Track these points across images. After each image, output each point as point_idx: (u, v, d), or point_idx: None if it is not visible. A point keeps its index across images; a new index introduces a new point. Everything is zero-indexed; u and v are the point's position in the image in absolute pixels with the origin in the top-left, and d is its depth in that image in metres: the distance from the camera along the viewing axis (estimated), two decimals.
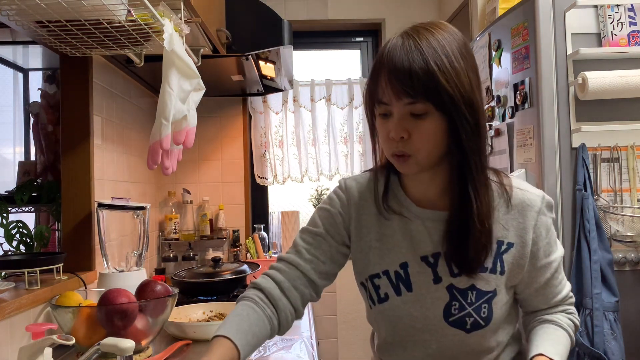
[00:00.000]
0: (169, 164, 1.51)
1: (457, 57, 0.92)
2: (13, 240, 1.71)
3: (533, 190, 1.04)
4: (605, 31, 1.82)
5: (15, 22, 1.31)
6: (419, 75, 0.89)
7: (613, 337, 1.63)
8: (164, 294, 1.43)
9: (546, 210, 1.03)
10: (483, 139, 0.96)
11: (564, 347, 1.02)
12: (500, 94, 2.04)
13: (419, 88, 0.89)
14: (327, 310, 3.05)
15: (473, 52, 0.98)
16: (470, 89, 0.93)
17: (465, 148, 0.93)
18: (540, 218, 1.02)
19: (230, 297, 2.10)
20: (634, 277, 1.76)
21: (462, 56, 0.93)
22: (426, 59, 0.90)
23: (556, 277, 1.06)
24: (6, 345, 1.31)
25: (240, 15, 2.02)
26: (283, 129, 3.10)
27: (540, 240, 1.02)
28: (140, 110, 2.47)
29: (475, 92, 0.94)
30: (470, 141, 0.93)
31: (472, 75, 0.94)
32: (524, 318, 1.15)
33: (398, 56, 0.91)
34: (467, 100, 0.92)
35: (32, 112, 1.94)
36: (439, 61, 0.90)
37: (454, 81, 0.90)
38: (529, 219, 1.01)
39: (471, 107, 0.92)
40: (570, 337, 1.06)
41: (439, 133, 0.93)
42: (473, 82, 0.94)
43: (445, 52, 0.91)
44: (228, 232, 2.91)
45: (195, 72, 1.47)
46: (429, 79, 0.89)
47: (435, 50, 0.91)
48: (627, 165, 1.79)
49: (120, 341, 0.97)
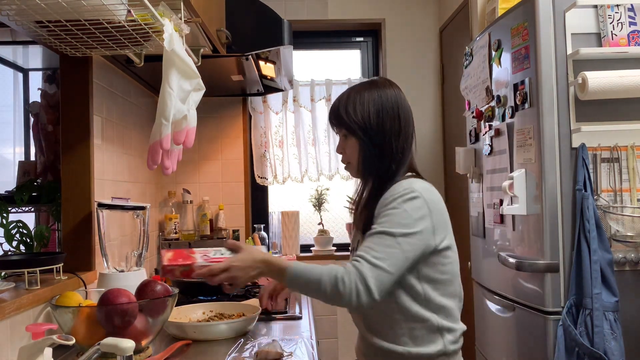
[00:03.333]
0: (169, 164, 1.51)
1: (361, 100, 1.34)
2: (13, 240, 1.71)
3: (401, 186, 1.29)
4: (605, 31, 1.82)
5: (15, 22, 1.31)
6: (333, 111, 1.39)
7: (613, 337, 1.63)
8: (164, 294, 1.43)
9: (397, 197, 1.25)
10: (388, 156, 1.32)
11: (308, 270, 1.22)
12: (500, 94, 2.04)
13: (334, 120, 1.39)
14: (327, 310, 3.05)
15: (390, 97, 1.36)
16: (369, 121, 1.32)
17: (371, 161, 1.34)
18: (387, 199, 1.27)
19: (230, 297, 2.10)
20: (634, 277, 1.76)
21: (368, 100, 1.33)
22: (337, 101, 1.38)
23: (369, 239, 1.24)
24: (6, 345, 1.31)
25: (240, 15, 2.02)
26: (283, 129, 3.10)
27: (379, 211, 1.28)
28: (140, 110, 2.47)
29: (373, 124, 1.32)
30: (373, 157, 1.33)
31: (372, 110, 1.32)
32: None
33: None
34: (364, 129, 1.32)
35: (32, 112, 1.94)
36: (343, 102, 1.36)
37: (352, 117, 1.33)
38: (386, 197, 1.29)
39: (368, 133, 1.32)
40: (321, 272, 1.21)
41: (356, 150, 1.35)
42: (372, 116, 1.32)
43: (351, 96, 1.35)
44: (228, 232, 2.91)
45: (195, 72, 1.47)
46: (337, 114, 1.37)
47: (347, 97, 1.36)
48: (627, 165, 1.79)
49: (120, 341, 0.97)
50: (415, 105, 3.17)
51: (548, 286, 1.75)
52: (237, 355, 1.41)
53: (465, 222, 2.58)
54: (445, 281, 1.28)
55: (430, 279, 1.27)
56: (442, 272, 1.28)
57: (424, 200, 1.25)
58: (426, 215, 1.24)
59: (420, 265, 1.25)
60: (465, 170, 2.38)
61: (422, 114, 3.19)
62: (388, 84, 1.39)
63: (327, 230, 3.10)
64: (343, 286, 1.17)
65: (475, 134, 2.33)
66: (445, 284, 1.28)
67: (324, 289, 1.19)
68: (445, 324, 1.27)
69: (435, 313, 1.27)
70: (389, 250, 1.20)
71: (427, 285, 1.27)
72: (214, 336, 1.57)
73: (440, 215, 1.29)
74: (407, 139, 1.36)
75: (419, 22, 3.20)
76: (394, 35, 3.18)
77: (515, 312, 1.95)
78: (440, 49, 3.19)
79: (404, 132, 1.34)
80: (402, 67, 3.18)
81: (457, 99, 2.75)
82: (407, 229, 1.21)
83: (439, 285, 1.28)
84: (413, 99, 3.18)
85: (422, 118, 3.18)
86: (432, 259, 1.26)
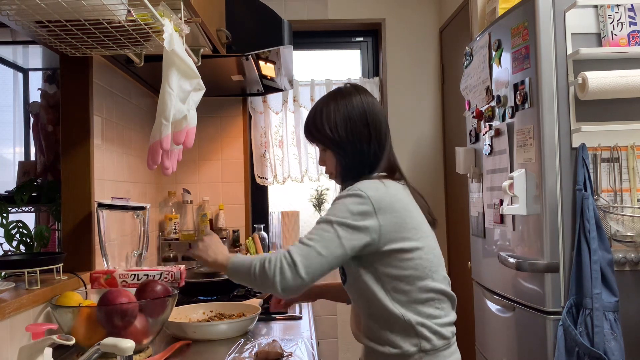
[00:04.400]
0: (169, 164, 1.51)
1: (328, 114, 1.36)
2: (13, 240, 1.71)
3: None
4: (605, 31, 1.82)
5: (15, 22, 1.31)
6: (306, 128, 1.42)
7: (613, 337, 1.63)
8: (164, 294, 1.43)
9: (342, 194, 1.29)
10: (362, 162, 1.36)
11: (245, 258, 1.29)
12: (500, 94, 2.04)
13: (308, 136, 1.42)
14: (327, 310, 3.05)
15: (356, 104, 1.37)
16: (337, 133, 1.34)
17: (349, 169, 1.37)
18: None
19: (230, 297, 2.10)
20: (634, 277, 1.76)
21: (334, 112, 1.36)
22: (308, 117, 1.41)
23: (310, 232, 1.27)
24: (6, 345, 1.31)
25: (240, 15, 2.02)
26: (283, 129, 3.10)
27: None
28: (140, 110, 2.47)
29: (342, 135, 1.34)
30: (349, 165, 1.36)
31: (340, 122, 1.35)
32: None
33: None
34: (335, 141, 1.35)
35: (32, 112, 1.94)
36: (311, 118, 1.39)
37: (322, 132, 1.36)
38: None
39: (339, 145, 1.35)
40: (255, 257, 1.27)
41: (333, 161, 1.38)
42: (340, 128, 1.34)
43: (318, 110, 1.38)
44: (228, 232, 2.91)
45: (195, 72, 1.46)
46: (309, 130, 1.40)
47: (315, 111, 1.39)
48: (627, 165, 1.79)
49: (120, 341, 0.97)
50: (415, 105, 3.20)
51: (548, 286, 1.75)
52: (237, 355, 1.41)
53: (465, 222, 2.58)
54: (408, 277, 1.26)
55: (388, 275, 1.26)
56: (403, 268, 1.26)
57: (367, 198, 1.25)
58: (370, 213, 1.24)
59: (376, 265, 1.26)
60: (465, 170, 2.38)
61: (422, 114, 3.19)
62: (354, 90, 1.40)
63: None
64: (269, 265, 1.21)
65: (475, 134, 2.33)
66: (410, 280, 1.26)
67: (254, 272, 1.24)
68: (415, 319, 1.25)
69: (403, 308, 1.26)
70: (324, 233, 1.23)
71: (386, 282, 1.27)
72: (214, 336, 1.57)
73: (394, 217, 1.26)
74: (380, 142, 1.37)
75: (419, 22, 3.20)
76: (394, 35, 3.18)
77: (515, 312, 1.95)
78: (440, 49, 3.19)
79: (374, 136, 1.36)
80: (402, 67, 3.18)
81: (457, 99, 2.75)
82: (346, 220, 1.24)
83: (401, 281, 1.26)
84: (413, 99, 3.20)
85: (422, 118, 3.18)
86: (386, 256, 1.26)
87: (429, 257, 1.31)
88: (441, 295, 1.30)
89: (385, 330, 1.27)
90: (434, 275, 1.30)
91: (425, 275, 1.29)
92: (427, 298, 1.28)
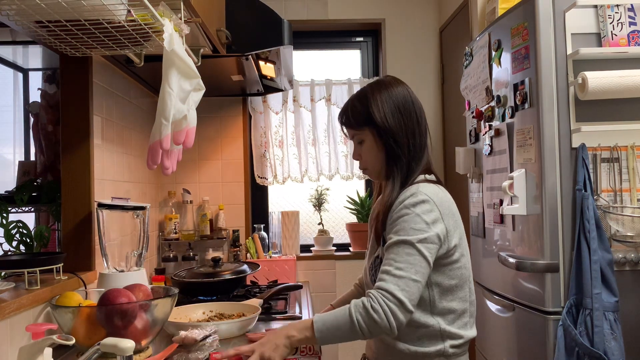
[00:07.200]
0: (169, 164, 1.51)
1: (375, 101, 1.31)
2: (13, 240, 1.71)
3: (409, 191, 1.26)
4: (605, 31, 1.82)
5: (15, 22, 1.31)
6: (350, 114, 1.35)
7: (613, 337, 1.63)
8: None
9: (407, 202, 1.23)
10: (407, 155, 1.30)
11: (334, 316, 1.21)
12: (500, 94, 2.04)
13: (350, 126, 1.36)
14: None
15: (402, 94, 1.33)
16: (386, 121, 1.29)
17: (392, 161, 1.31)
18: (397, 206, 1.25)
19: (230, 297, 2.10)
20: (634, 277, 1.76)
21: (382, 100, 1.31)
22: (351, 105, 1.35)
23: (389, 251, 1.22)
24: (6, 345, 1.31)
25: (240, 15, 2.02)
26: (283, 129, 3.10)
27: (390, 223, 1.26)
28: (140, 110, 2.47)
29: (391, 123, 1.29)
30: (394, 157, 1.30)
31: (388, 110, 1.30)
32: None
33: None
34: (384, 129, 1.29)
35: (32, 112, 1.94)
36: (355, 107, 1.34)
37: (374, 118, 1.29)
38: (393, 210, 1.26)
39: (387, 134, 1.29)
40: (349, 311, 1.19)
41: (373, 153, 1.33)
42: (388, 117, 1.29)
43: (364, 98, 1.33)
44: (228, 232, 2.91)
45: (195, 72, 1.47)
46: (351, 120, 1.34)
47: (361, 98, 1.34)
48: (627, 165, 1.79)
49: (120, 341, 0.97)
50: None
51: (548, 286, 1.75)
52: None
53: (465, 222, 2.57)
54: (453, 287, 1.27)
55: (438, 285, 1.26)
56: (451, 278, 1.27)
57: (434, 203, 1.24)
58: (438, 219, 1.23)
59: (430, 271, 1.24)
60: (465, 170, 2.38)
61: None
62: (396, 81, 1.36)
63: (327, 231, 3.10)
64: (376, 314, 1.15)
65: (475, 134, 2.33)
66: (453, 290, 1.27)
67: (360, 326, 1.17)
68: (448, 329, 1.26)
69: (440, 317, 1.26)
70: (409, 258, 1.18)
71: (435, 291, 1.26)
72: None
73: (452, 219, 1.27)
74: (422, 135, 1.34)
75: (419, 22, 3.20)
76: (394, 35, 3.18)
77: (515, 312, 1.95)
78: (440, 49, 3.19)
79: (419, 128, 1.33)
80: (402, 67, 3.18)
81: (457, 99, 2.75)
82: (423, 234, 1.20)
83: (447, 291, 1.27)
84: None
85: None
86: (441, 264, 1.25)
87: (467, 267, 1.31)
88: (471, 306, 1.31)
89: (414, 333, 1.26)
90: (470, 286, 1.31)
91: (464, 284, 1.29)
92: (460, 308, 1.28)
